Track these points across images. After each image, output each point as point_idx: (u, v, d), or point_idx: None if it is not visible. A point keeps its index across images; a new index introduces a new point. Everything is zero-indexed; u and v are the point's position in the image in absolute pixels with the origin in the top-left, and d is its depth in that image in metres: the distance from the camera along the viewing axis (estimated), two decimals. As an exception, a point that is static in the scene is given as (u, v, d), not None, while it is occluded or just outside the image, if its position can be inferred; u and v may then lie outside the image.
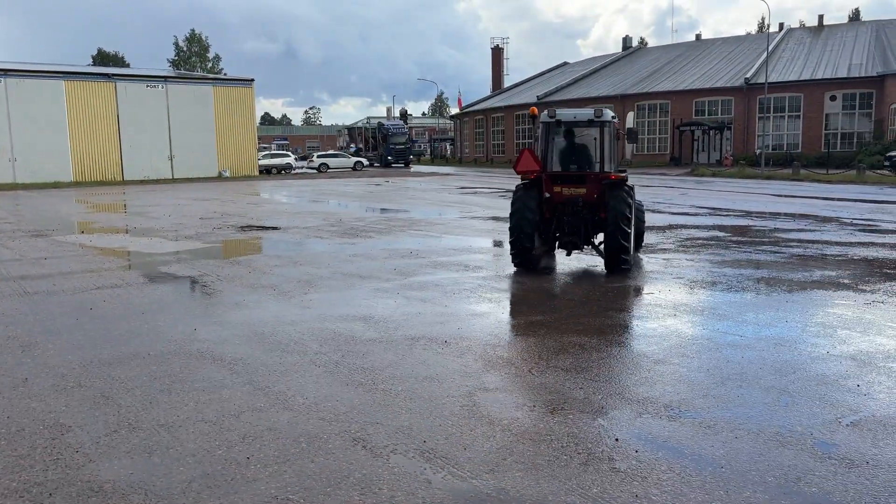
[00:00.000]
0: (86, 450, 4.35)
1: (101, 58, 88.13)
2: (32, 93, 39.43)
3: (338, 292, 9.10)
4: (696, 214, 18.35)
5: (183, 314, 7.96)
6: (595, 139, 10.52)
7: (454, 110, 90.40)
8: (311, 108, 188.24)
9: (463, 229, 15.82)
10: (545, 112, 10.65)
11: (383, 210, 21.25)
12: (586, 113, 10.42)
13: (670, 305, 8.05)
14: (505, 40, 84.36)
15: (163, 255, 12.35)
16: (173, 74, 51.45)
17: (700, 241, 13.25)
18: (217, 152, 45.14)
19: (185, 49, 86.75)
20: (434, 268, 10.80)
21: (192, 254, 12.54)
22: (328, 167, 54.04)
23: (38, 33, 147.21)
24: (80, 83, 41.38)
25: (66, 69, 44.19)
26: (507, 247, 10.55)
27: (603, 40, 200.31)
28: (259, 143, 53.87)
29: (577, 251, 10.82)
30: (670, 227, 15.72)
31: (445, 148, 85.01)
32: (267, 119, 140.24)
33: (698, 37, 64.67)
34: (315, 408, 5.02)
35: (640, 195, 12.00)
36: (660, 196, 24.13)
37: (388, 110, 72.88)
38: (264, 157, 51.96)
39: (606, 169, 10.30)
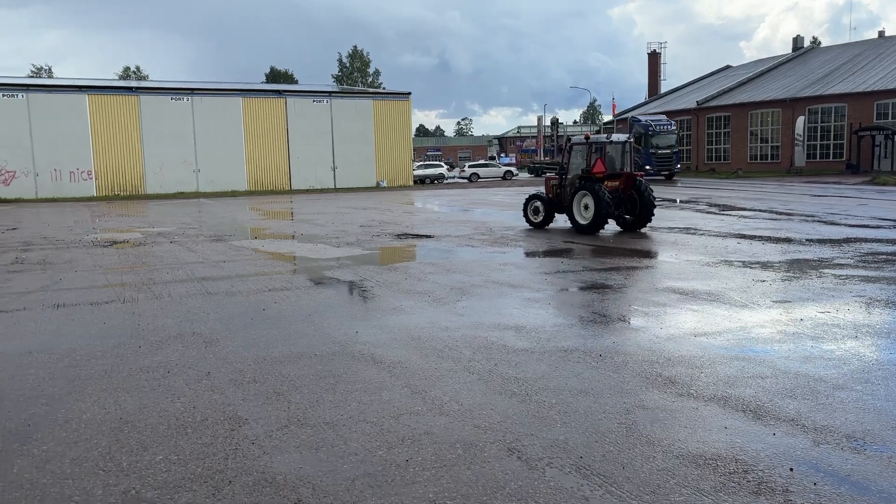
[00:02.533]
0: (260, 442, 4.67)
1: (274, 75, 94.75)
2: (214, 109, 43.22)
3: (489, 300, 9.18)
4: (877, 227, 16.73)
5: (345, 317, 8.36)
6: (626, 152, 17.05)
7: (607, 117, 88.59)
8: (463, 119, 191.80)
9: (618, 238, 15.42)
10: (603, 135, 17.72)
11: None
12: (623, 136, 17.33)
13: (850, 326, 7.39)
14: (662, 45, 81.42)
15: (327, 261, 13.05)
16: (336, 90, 54.37)
17: (883, 257, 12.05)
18: (375, 163, 47.19)
19: (347, 65, 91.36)
20: (586, 278, 10.61)
21: (353, 259, 13.15)
22: (479, 177, 54.83)
23: (220, 54, 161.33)
24: (254, 99, 44.86)
25: (243, 87, 48.13)
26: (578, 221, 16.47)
27: (769, 41, 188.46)
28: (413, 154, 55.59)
29: (624, 218, 16.86)
30: (847, 240, 14.44)
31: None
32: (421, 131, 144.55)
33: (881, 34, 59.10)
34: (470, 415, 5.08)
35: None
36: (835, 206, 22.24)
37: (539, 119, 72.48)
38: (418, 167, 53.65)
39: (630, 170, 16.95)
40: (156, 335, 7.56)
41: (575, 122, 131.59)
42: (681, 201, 26.41)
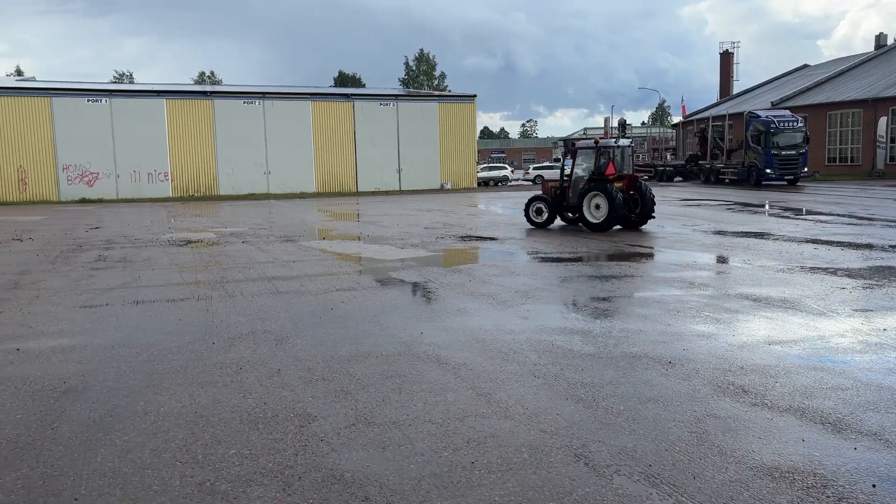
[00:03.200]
0: (329, 439, 4.76)
1: (342, 79, 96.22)
2: (284, 113, 44.26)
3: (554, 304, 9.10)
4: (969, 233, 15.83)
5: (411, 318, 8.43)
6: (629, 156, 18.56)
7: (676, 119, 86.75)
8: (527, 122, 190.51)
9: (686, 243, 15.07)
10: (612, 139, 20.02)
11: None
12: (626, 141, 19.10)
13: (938, 338, 7.01)
14: (735, 44, 79.00)
15: (392, 262, 13.19)
16: (403, 93, 54.89)
17: (976, 265, 11.40)
18: (440, 165, 47.44)
19: (413, 68, 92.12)
20: (654, 283, 10.40)
21: (417, 261, 13.26)
22: (543, 179, 54.42)
23: (290, 59, 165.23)
24: (323, 103, 45.71)
25: (312, 91, 49.08)
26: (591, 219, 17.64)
27: (849, 39, 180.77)
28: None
29: (628, 217, 17.96)
30: (936, 247, 13.71)
31: (666, 157, 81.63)
32: (486, 133, 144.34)
33: (974, 28, 55.88)
34: (535, 419, 5.05)
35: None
36: (921, 211, 21.16)
37: (606, 121, 71.33)
38: (482, 169, 53.65)
39: (631, 172, 18.30)
40: (228, 332, 7.80)
41: (643, 123, 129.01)
42: (753, 205, 25.60)
